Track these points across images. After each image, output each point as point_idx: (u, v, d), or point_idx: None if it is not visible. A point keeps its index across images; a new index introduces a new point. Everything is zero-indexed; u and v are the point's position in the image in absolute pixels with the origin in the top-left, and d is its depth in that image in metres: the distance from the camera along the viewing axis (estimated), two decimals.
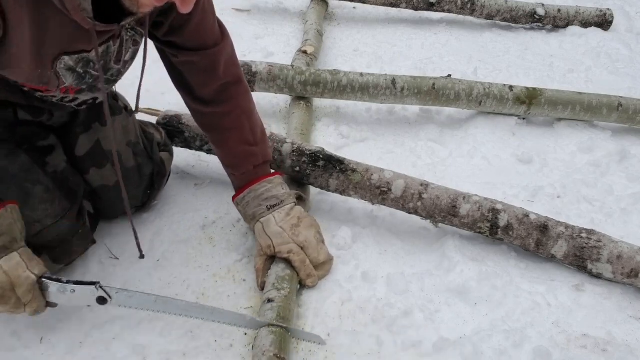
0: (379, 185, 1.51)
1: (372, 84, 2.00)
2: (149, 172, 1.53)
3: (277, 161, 1.56)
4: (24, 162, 1.24)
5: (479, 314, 1.35)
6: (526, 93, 2.07)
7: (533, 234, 1.44)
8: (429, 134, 2.05)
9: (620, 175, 1.90)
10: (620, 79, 2.55)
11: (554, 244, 1.43)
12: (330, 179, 1.54)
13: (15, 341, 1.25)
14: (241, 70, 1.44)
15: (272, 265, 1.37)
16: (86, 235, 1.36)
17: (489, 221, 1.45)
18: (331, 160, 1.54)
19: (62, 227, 1.29)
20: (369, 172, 1.53)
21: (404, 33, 2.86)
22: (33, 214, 1.24)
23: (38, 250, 1.26)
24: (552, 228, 1.44)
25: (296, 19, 2.93)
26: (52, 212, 1.26)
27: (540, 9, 2.95)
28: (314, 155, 1.55)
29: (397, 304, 1.37)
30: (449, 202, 1.47)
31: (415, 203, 1.49)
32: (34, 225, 1.24)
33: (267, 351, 1.12)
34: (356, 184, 1.52)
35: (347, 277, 1.43)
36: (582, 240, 1.42)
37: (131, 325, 1.29)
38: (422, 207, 1.49)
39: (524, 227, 1.44)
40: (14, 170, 1.22)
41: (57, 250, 1.29)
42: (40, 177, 1.25)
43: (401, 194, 1.50)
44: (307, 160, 1.54)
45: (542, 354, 1.24)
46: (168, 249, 1.50)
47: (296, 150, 1.56)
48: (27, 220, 1.22)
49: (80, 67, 1.14)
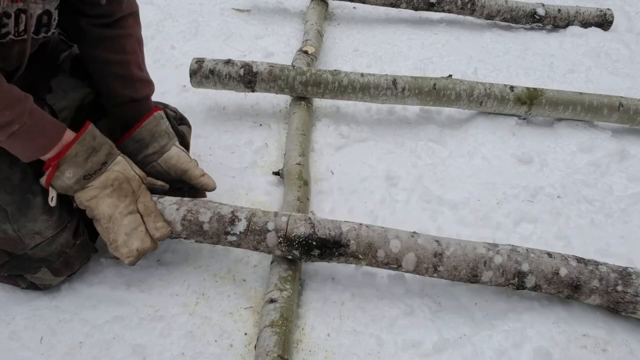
0: (387, 262, 1.31)
1: (373, 84, 2.00)
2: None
3: (265, 251, 1.34)
4: (26, 173, 1.24)
5: (479, 314, 1.35)
6: (527, 93, 2.07)
7: (564, 291, 1.32)
8: (429, 134, 2.05)
9: (620, 175, 1.90)
10: (620, 79, 2.55)
11: (586, 298, 1.33)
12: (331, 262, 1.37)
13: (15, 341, 1.24)
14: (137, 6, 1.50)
15: (273, 266, 1.37)
16: (85, 246, 1.35)
17: (515, 285, 1.32)
18: (326, 244, 1.29)
19: (61, 239, 1.27)
20: (373, 248, 1.30)
21: (404, 33, 2.86)
22: (34, 225, 1.23)
23: (37, 264, 1.26)
24: (584, 284, 1.30)
25: (296, 19, 2.93)
26: (52, 223, 1.25)
27: (540, 9, 2.95)
28: (305, 243, 1.29)
29: (398, 304, 1.37)
30: (468, 272, 1.31)
31: (430, 275, 1.33)
32: (34, 237, 1.23)
33: (270, 352, 1.12)
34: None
35: (347, 277, 1.43)
36: (617, 294, 1.30)
37: (131, 325, 1.29)
38: (439, 277, 1.34)
39: (553, 286, 1.32)
40: (16, 180, 1.22)
41: (57, 263, 1.28)
42: (41, 189, 1.25)
43: (413, 267, 1.31)
44: (298, 252, 1.31)
45: (542, 354, 1.24)
46: (168, 248, 1.50)
47: (283, 240, 1.30)
48: (27, 231, 1.22)
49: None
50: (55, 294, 1.35)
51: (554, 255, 1.34)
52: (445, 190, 1.77)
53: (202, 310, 1.34)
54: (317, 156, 1.90)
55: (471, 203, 1.72)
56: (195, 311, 1.34)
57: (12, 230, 1.22)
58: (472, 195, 1.76)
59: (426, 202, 1.72)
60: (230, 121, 2.05)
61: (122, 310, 1.33)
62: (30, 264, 1.26)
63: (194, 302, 1.36)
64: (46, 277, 1.29)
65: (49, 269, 1.28)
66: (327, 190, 1.74)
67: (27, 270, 1.27)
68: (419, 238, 1.33)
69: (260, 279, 1.43)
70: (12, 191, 1.22)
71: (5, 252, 1.24)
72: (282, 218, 1.32)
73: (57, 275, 1.31)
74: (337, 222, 1.34)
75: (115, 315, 1.31)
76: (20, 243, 1.23)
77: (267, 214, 1.33)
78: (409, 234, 1.34)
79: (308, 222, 1.32)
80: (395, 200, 1.73)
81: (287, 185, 1.63)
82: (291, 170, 1.68)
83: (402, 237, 1.32)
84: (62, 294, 1.36)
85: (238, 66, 1.97)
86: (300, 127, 1.89)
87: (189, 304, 1.35)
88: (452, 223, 1.65)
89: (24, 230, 1.22)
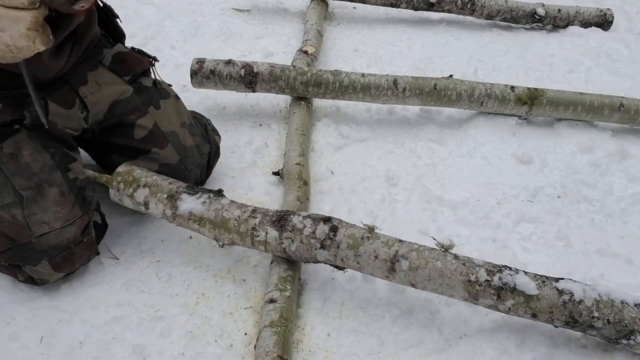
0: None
1: (374, 84, 2.00)
2: (207, 151, 1.60)
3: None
4: (46, 163, 1.29)
5: (479, 314, 1.35)
6: (527, 93, 2.06)
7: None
8: (429, 134, 2.05)
9: (620, 175, 1.90)
10: (620, 79, 2.55)
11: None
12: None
13: (15, 341, 1.24)
14: None
15: (273, 266, 1.37)
16: (90, 246, 1.36)
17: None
18: None
19: (68, 234, 1.28)
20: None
21: (404, 33, 2.86)
22: (44, 214, 1.25)
23: (38, 256, 1.27)
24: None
25: (296, 19, 2.93)
26: (62, 215, 1.27)
27: (540, 9, 2.94)
28: None
29: (398, 303, 1.37)
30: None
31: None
32: (42, 226, 1.25)
33: (270, 352, 1.12)
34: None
35: (347, 277, 1.43)
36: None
37: (131, 325, 1.29)
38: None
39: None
40: (36, 169, 1.27)
41: (58, 257, 1.29)
42: (58, 180, 1.29)
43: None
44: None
45: (542, 354, 1.24)
46: (168, 248, 1.50)
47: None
48: (36, 219, 1.24)
49: None
50: (55, 294, 1.35)
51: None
52: (445, 190, 1.77)
53: (202, 310, 1.34)
54: (317, 156, 1.90)
55: (471, 203, 1.72)
56: (195, 311, 1.34)
57: (22, 217, 1.23)
58: (472, 195, 1.76)
59: (426, 202, 1.72)
60: (230, 121, 2.05)
61: (122, 310, 1.33)
62: (31, 254, 1.26)
63: (194, 302, 1.36)
64: (45, 270, 1.29)
65: (50, 262, 1.28)
66: (327, 190, 1.74)
67: (28, 261, 1.27)
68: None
69: (260, 279, 1.43)
70: (30, 178, 1.26)
71: (8, 239, 1.25)
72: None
73: (57, 270, 1.31)
74: None
75: (115, 315, 1.31)
76: (27, 230, 1.24)
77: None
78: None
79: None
80: (395, 200, 1.73)
81: (287, 185, 1.63)
82: (291, 170, 1.68)
83: None
84: (62, 294, 1.36)
85: (239, 66, 1.97)
86: (300, 127, 1.89)
87: (189, 304, 1.35)
88: (452, 223, 1.65)
89: (33, 217, 1.24)
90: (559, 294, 1.18)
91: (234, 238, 1.33)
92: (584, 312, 1.17)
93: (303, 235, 1.28)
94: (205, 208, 1.34)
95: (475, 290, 1.20)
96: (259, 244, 1.31)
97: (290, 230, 1.29)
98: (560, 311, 1.18)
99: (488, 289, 1.19)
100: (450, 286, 1.21)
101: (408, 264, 1.22)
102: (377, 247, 1.25)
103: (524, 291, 1.18)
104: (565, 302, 1.18)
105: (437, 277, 1.21)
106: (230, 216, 1.33)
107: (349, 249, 1.25)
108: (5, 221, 1.24)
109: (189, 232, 1.54)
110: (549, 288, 1.19)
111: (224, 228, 1.32)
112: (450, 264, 1.22)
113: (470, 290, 1.20)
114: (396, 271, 1.23)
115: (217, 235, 1.34)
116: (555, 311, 1.18)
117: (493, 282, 1.19)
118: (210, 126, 1.71)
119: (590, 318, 1.17)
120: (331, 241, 1.26)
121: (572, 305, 1.17)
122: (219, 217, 1.33)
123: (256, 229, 1.30)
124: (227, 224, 1.32)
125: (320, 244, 1.27)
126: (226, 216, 1.33)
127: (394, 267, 1.23)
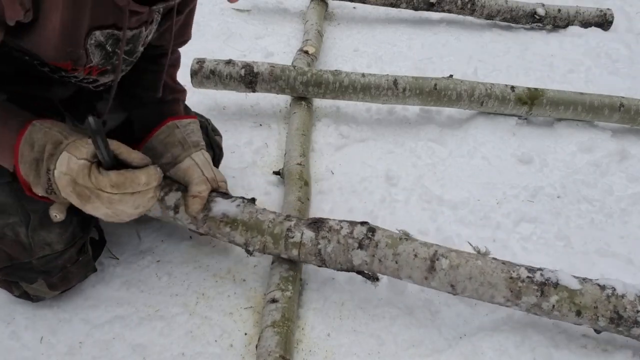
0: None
1: (374, 84, 2.00)
2: (211, 159, 1.50)
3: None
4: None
5: (479, 314, 1.35)
6: (528, 93, 2.07)
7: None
8: (429, 134, 2.05)
9: (620, 175, 1.90)
10: (620, 79, 2.55)
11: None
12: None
13: (15, 341, 1.24)
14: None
15: (274, 266, 1.37)
16: (87, 264, 1.33)
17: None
18: None
19: (67, 255, 1.26)
20: None
21: (404, 33, 2.86)
22: (47, 236, 1.21)
23: (35, 275, 1.24)
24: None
25: (296, 19, 2.93)
26: (64, 238, 1.23)
27: (540, 9, 2.95)
28: None
29: (398, 303, 1.37)
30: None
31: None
32: (44, 248, 1.22)
33: (272, 352, 1.12)
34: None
35: (347, 277, 1.43)
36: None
37: (131, 325, 1.29)
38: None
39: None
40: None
41: (55, 277, 1.27)
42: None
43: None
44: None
45: (542, 354, 1.24)
46: (168, 248, 1.50)
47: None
48: (39, 240, 1.20)
49: (110, 44, 1.13)
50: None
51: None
52: (445, 190, 1.77)
53: (202, 310, 1.34)
54: (317, 156, 1.91)
55: (471, 203, 1.72)
56: (195, 311, 1.34)
57: (25, 236, 1.20)
58: (472, 195, 1.76)
59: (426, 202, 1.72)
60: (230, 121, 2.05)
61: (122, 310, 1.33)
62: (29, 273, 1.24)
63: (194, 302, 1.36)
64: (41, 289, 1.27)
65: (46, 282, 1.26)
66: (327, 190, 1.74)
67: (24, 279, 1.25)
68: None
69: (260, 279, 1.43)
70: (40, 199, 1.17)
71: (7, 256, 1.22)
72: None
73: (53, 289, 1.29)
74: None
75: (115, 315, 1.31)
76: (29, 250, 1.21)
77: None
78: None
79: None
80: (395, 200, 1.73)
81: (288, 185, 1.63)
82: (292, 170, 1.68)
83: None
84: (62, 294, 1.36)
85: (239, 66, 1.97)
86: (301, 127, 1.89)
87: (189, 304, 1.35)
88: (452, 223, 1.65)
89: (37, 238, 1.20)
90: (601, 288, 1.19)
91: (266, 241, 1.30)
92: (627, 306, 1.17)
93: (340, 235, 1.27)
94: (239, 210, 1.32)
95: (518, 287, 1.19)
96: (293, 246, 1.29)
97: (327, 231, 1.28)
98: (605, 306, 1.18)
99: (531, 285, 1.19)
100: (492, 284, 1.20)
101: (448, 262, 1.22)
102: (416, 247, 1.25)
103: (567, 286, 1.19)
104: (608, 296, 1.18)
105: (479, 275, 1.20)
106: (264, 218, 1.32)
107: (387, 248, 1.25)
108: (8, 239, 1.20)
109: (189, 232, 1.55)
110: (590, 284, 1.20)
111: (257, 230, 1.30)
112: (491, 262, 1.23)
113: (512, 288, 1.19)
114: (436, 270, 1.22)
115: (249, 240, 1.31)
116: (600, 306, 1.18)
117: (535, 278, 1.20)
118: (210, 126, 1.69)
119: (635, 312, 1.17)
120: (370, 240, 1.25)
121: (616, 299, 1.18)
122: (253, 219, 1.31)
123: (291, 230, 1.29)
124: (262, 226, 1.30)
125: (359, 243, 1.26)
126: (261, 218, 1.32)
127: (434, 266, 1.22)
